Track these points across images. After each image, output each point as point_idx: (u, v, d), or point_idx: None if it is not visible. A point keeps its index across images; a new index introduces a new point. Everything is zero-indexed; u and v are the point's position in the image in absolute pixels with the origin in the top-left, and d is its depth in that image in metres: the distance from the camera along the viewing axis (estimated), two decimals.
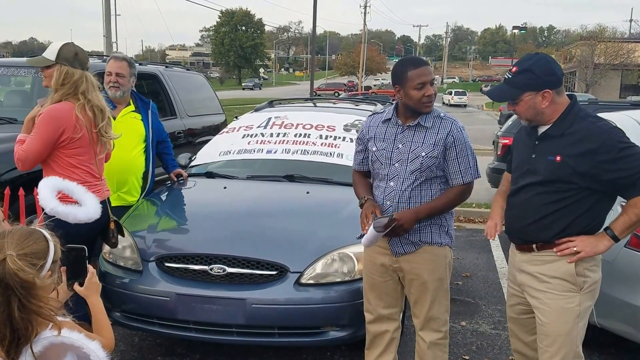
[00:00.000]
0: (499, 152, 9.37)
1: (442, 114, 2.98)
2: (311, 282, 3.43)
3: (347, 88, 57.98)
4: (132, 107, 4.22)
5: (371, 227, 2.81)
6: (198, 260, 3.48)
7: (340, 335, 3.43)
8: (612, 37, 36.06)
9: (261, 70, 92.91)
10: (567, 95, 2.61)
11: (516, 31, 63.84)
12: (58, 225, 2.02)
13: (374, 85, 64.31)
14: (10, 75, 6.16)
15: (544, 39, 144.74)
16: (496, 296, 5.10)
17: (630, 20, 63.41)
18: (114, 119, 4.00)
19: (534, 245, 2.65)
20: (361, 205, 3.04)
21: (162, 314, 3.42)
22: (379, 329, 3.16)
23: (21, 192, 4.36)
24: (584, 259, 2.54)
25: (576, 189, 2.50)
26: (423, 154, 2.89)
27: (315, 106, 6.25)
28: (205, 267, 3.44)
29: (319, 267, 3.46)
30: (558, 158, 2.51)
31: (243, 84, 70.14)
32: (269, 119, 5.24)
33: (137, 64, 7.15)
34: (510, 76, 2.59)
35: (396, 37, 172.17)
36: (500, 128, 10.32)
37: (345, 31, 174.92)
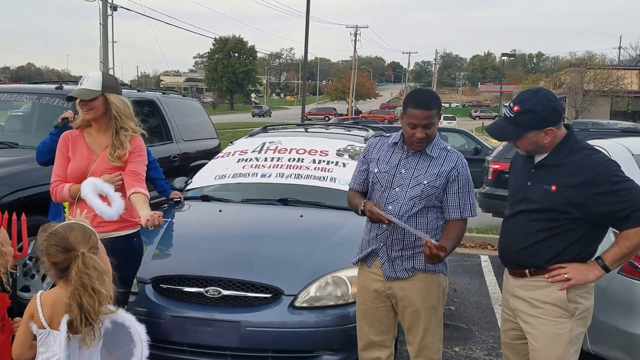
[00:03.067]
0: (489, 177, 9.47)
1: (448, 147, 3.01)
2: (305, 305, 3.46)
3: (337, 113, 58.40)
4: None
5: (389, 215, 2.81)
6: (194, 282, 3.51)
7: (334, 359, 3.45)
8: (601, 64, 36.60)
9: (253, 95, 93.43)
10: (564, 125, 2.65)
11: (505, 58, 64.62)
12: None
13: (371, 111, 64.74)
14: (11, 101, 6.22)
15: (532, 65, 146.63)
16: (489, 322, 5.13)
17: (619, 48, 64.37)
18: None
19: (527, 271, 2.68)
20: (362, 211, 2.93)
21: (157, 335, 3.42)
22: (370, 355, 3.14)
23: (23, 216, 4.38)
24: (576, 286, 2.57)
25: (570, 218, 2.54)
26: (425, 181, 2.91)
27: (309, 132, 6.33)
28: (201, 290, 3.47)
29: (312, 290, 3.50)
30: (553, 187, 2.55)
31: (253, 110, 69.58)
32: (263, 143, 5.33)
33: (136, 91, 7.28)
34: (512, 115, 2.59)
35: (386, 64, 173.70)
36: (491, 153, 10.43)
37: (336, 57, 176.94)
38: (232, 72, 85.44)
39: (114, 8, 26.86)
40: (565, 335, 2.59)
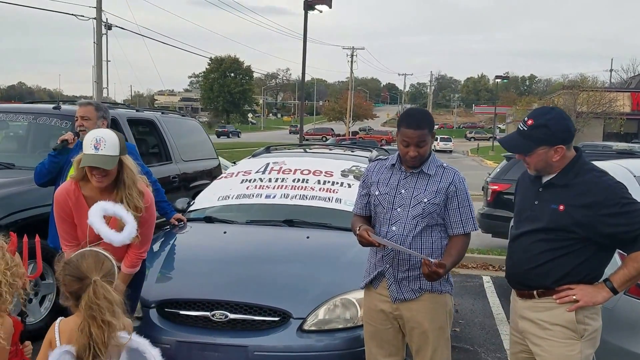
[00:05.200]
0: (488, 198, 9.44)
1: (444, 164, 3.03)
2: (313, 328, 3.40)
3: (334, 133, 58.67)
4: None
5: (376, 236, 2.85)
6: (200, 306, 3.44)
7: None
8: (593, 86, 36.86)
9: (249, 115, 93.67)
10: (574, 147, 2.67)
11: (499, 80, 65.13)
12: None
13: (360, 130, 65.01)
14: (7, 120, 6.16)
15: (525, 87, 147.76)
16: (495, 343, 5.06)
17: (611, 70, 65.08)
18: None
19: (535, 292, 2.66)
20: (357, 233, 2.94)
21: None
22: None
23: (25, 238, 4.31)
24: (584, 307, 2.56)
25: (577, 239, 2.53)
26: (425, 200, 2.92)
27: (312, 152, 6.30)
28: (207, 313, 3.40)
29: (321, 313, 3.44)
30: (561, 207, 2.55)
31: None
32: (267, 164, 5.29)
33: (134, 110, 7.25)
34: (525, 128, 2.61)
35: (382, 85, 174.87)
36: (489, 174, 10.42)
37: (332, 78, 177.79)
38: (228, 92, 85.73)
39: (109, 27, 26.99)
40: (575, 357, 2.57)
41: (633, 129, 37.37)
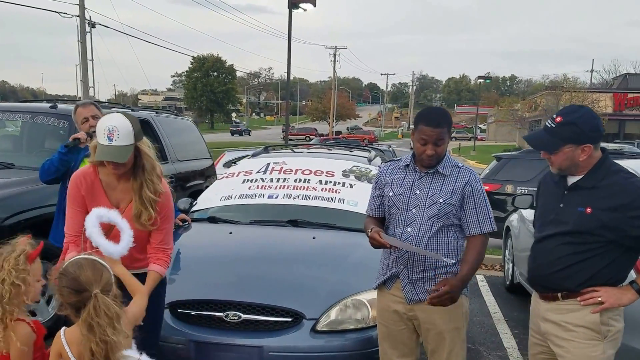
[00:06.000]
0: None
1: (459, 164, 3.01)
2: (326, 329, 3.41)
3: (317, 133, 58.67)
4: None
5: (388, 237, 2.84)
6: (213, 306, 3.45)
7: None
8: (574, 87, 37.37)
9: (233, 114, 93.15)
10: (604, 149, 2.65)
11: (481, 81, 65.59)
12: None
13: (348, 129, 65.11)
14: (3, 120, 6.09)
15: (506, 88, 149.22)
16: (494, 342, 5.13)
17: (592, 71, 65.78)
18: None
19: (559, 294, 2.66)
20: (368, 234, 2.96)
21: None
22: None
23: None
24: (608, 308, 2.58)
25: (603, 242, 2.53)
26: (441, 200, 2.90)
27: (312, 153, 6.32)
28: (220, 314, 3.41)
29: (333, 314, 3.46)
30: (588, 210, 2.54)
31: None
32: (268, 164, 5.30)
33: (130, 110, 7.20)
34: (553, 125, 2.59)
35: (363, 84, 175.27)
36: (480, 174, 10.52)
37: (314, 78, 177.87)
38: (211, 91, 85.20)
39: (92, 25, 26.67)
40: (598, 357, 2.58)
41: (614, 130, 37.95)
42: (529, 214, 6.14)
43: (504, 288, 6.96)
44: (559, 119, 2.58)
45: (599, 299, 2.55)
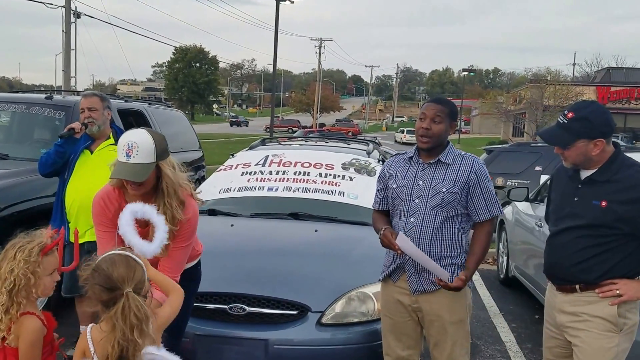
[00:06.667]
0: None
1: (463, 153, 3.03)
2: (331, 322, 3.40)
3: (300, 125, 58.61)
4: (111, 140, 4.05)
5: (401, 240, 2.82)
6: (217, 299, 3.42)
7: None
8: (557, 80, 37.62)
9: (214, 106, 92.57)
10: (617, 144, 2.68)
11: (465, 73, 65.94)
12: None
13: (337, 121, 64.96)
14: None
15: (489, 80, 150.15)
16: (492, 335, 5.15)
17: (574, 64, 66.44)
18: (91, 153, 3.96)
19: (577, 286, 2.67)
20: (381, 233, 2.99)
21: (181, 354, 3.30)
22: None
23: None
24: (627, 301, 2.59)
25: (619, 234, 2.55)
26: (444, 189, 2.91)
27: (310, 145, 6.29)
28: (224, 307, 3.38)
29: (338, 307, 3.44)
30: (604, 203, 2.55)
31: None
32: (266, 157, 5.25)
33: (123, 101, 7.11)
34: (565, 121, 2.62)
35: (347, 77, 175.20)
36: None
37: (298, 69, 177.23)
38: (192, 82, 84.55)
39: (77, 16, 26.26)
40: (613, 350, 2.59)
41: None
42: (524, 207, 6.18)
43: (498, 281, 7.00)
44: (570, 114, 2.60)
45: (617, 291, 2.57)
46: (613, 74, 45.48)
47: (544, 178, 7.25)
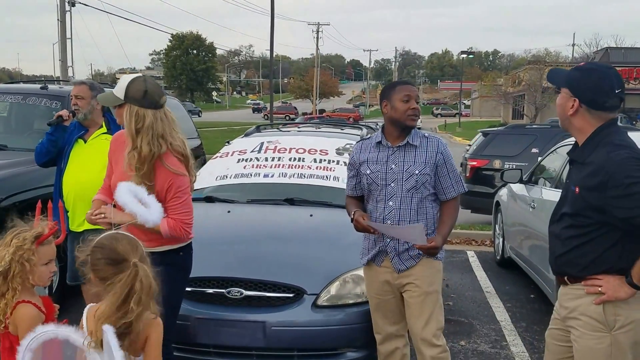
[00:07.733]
0: (467, 174, 9.61)
1: (426, 134, 3.19)
2: (326, 304, 3.49)
3: (297, 112, 58.42)
4: (103, 129, 4.08)
5: (374, 223, 3.05)
6: (215, 283, 3.50)
7: (357, 356, 3.50)
8: (556, 61, 37.54)
9: (214, 93, 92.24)
10: (610, 119, 2.37)
11: (464, 56, 65.64)
12: None
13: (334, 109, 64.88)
14: None
15: (489, 63, 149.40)
16: (487, 315, 5.24)
17: (573, 45, 66.28)
18: (85, 142, 4.00)
19: (566, 278, 2.48)
20: (352, 218, 3.16)
21: (182, 338, 3.40)
22: (389, 347, 3.26)
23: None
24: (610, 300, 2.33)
25: (598, 223, 2.30)
26: (417, 172, 3.07)
27: (305, 131, 6.34)
28: (222, 291, 3.46)
29: (333, 289, 3.54)
30: (577, 189, 2.33)
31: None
32: (262, 143, 5.31)
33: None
34: (571, 67, 2.47)
35: (346, 61, 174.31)
36: (467, 150, 10.60)
37: (296, 55, 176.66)
38: (191, 70, 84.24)
39: (72, 4, 26.12)
40: (604, 350, 2.33)
41: None
42: (518, 188, 6.25)
43: (494, 263, 7.09)
44: (582, 64, 2.48)
45: (599, 289, 2.32)
46: (612, 54, 45.25)
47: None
